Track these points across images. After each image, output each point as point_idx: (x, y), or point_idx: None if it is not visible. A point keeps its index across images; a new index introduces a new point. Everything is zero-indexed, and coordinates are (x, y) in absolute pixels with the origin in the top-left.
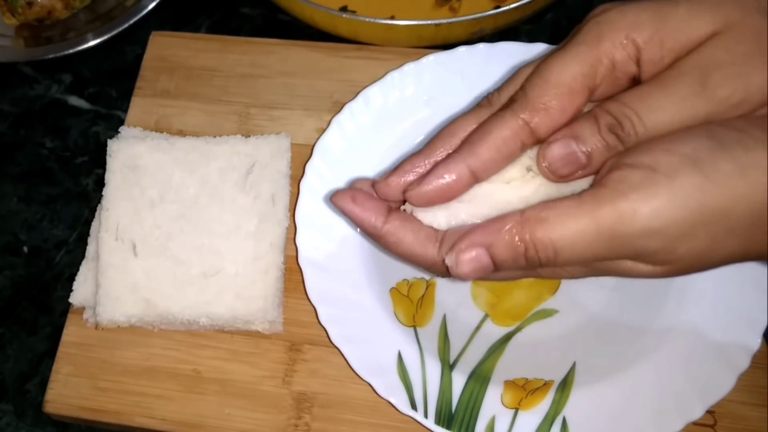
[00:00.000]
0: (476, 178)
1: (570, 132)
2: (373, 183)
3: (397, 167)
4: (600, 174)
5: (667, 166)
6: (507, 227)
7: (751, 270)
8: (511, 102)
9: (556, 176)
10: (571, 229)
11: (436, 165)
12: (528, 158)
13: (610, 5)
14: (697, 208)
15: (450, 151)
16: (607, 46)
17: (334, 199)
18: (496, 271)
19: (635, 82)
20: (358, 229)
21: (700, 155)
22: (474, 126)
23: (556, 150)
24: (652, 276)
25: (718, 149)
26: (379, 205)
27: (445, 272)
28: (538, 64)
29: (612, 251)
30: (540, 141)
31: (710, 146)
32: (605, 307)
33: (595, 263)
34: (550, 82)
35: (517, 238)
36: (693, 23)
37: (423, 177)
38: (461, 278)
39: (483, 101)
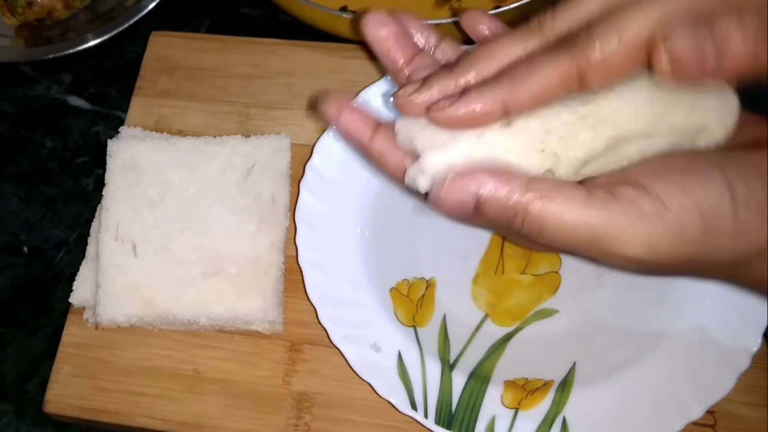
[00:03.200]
0: (507, 115)
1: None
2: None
3: (423, 83)
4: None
5: (679, 209)
6: (511, 183)
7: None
8: (571, 41)
9: (681, 74)
10: (567, 221)
11: (469, 90)
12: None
13: None
14: (689, 257)
15: (484, 76)
16: None
17: (324, 108)
18: (475, 216)
19: None
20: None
21: (710, 212)
22: (517, 54)
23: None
24: (632, 271)
25: (729, 207)
26: (365, 121)
27: (423, 195)
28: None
29: (590, 254)
30: (586, 91)
31: (721, 200)
32: (605, 307)
33: (572, 251)
34: (623, 35)
35: (514, 198)
36: None
37: (453, 100)
38: (440, 206)
39: (533, 23)
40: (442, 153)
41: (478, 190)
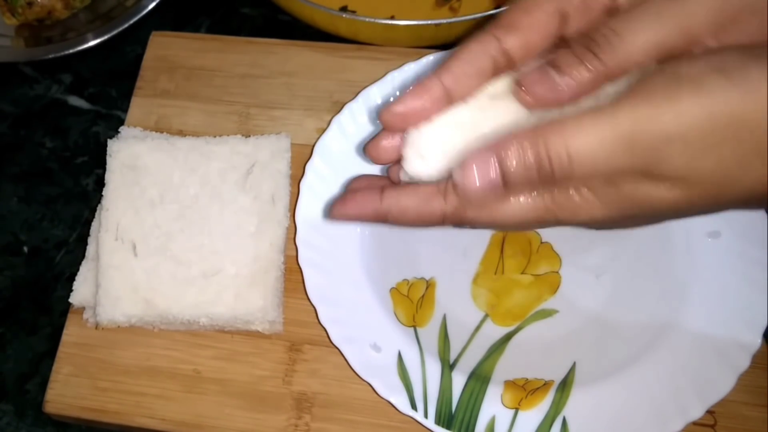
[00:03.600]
0: (450, 96)
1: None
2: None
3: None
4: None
5: (693, 72)
6: (518, 137)
7: (751, 270)
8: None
9: (534, 98)
10: (588, 135)
11: (414, 87)
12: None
13: None
14: (725, 115)
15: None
16: None
17: (331, 215)
18: (506, 187)
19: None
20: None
21: (729, 64)
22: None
23: (529, 68)
24: (673, 207)
25: (748, 59)
26: (369, 192)
27: (460, 219)
28: None
29: (632, 160)
30: (511, 60)
31: (740, 57)
32: (605, 307)
33: (615, 185)
34: (521, 3)
35: (529, 148)
36: None
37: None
38: (470, 194)
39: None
40: (431, 126)
41: (491, 158)
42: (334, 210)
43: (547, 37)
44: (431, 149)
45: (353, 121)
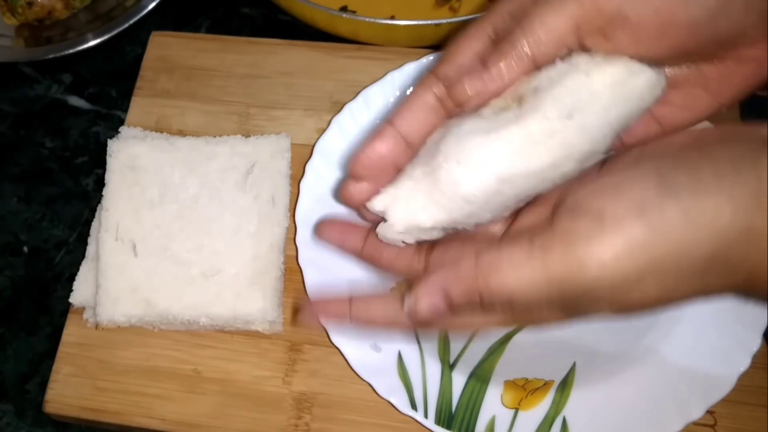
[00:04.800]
0: (407, 139)
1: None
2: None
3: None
4: (553, 211)
5: (613, 215)
6: (462, 275)
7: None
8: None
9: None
10: (523, 279)
11: (370, 136)
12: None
13: None
14: (646, 259)
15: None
16: (501, 1)
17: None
18: (453, 313)
19: None
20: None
21: (647, 202)
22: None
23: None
24: (614, 317)
25: (665, 196)
26: (338, 301)
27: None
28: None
29: (565, 300)
30: (452, 91)
31: (658, 192)
32: None
33: (557, 310)
34: (454, 40)
35: (473, 286)
36: None
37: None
38: (420, 319)
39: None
40: (397, 193)
41: (439, 291)
42: (306, 313)
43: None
44: (397, 218)
45: (353, 121)
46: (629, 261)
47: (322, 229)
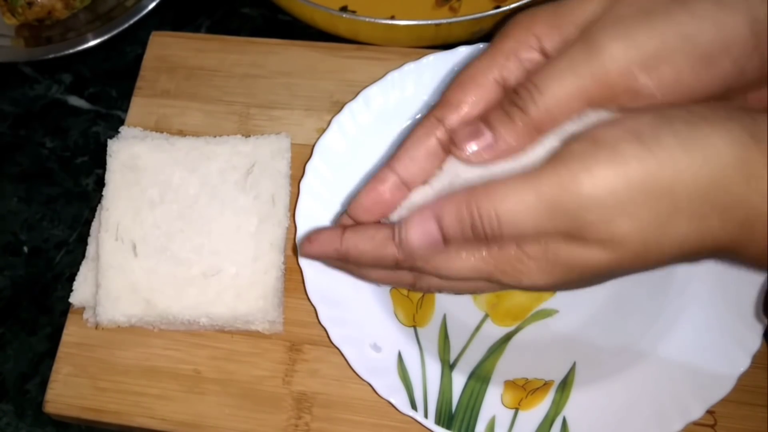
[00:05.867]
0: (406, 184)
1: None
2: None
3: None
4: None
5: (609, 138)
6: (455, 199)
7: (750, 269)
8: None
9: (469, 155)
10: (514, 199)
11: (371, 179)
12: None
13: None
14: (638, 179)
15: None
16: (511, 43)
17: (300, 253)
18: (445, 242)
19: None
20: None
21: (643, 129)
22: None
23: (461, 127)
24: (606, 268)
25: (661, 124)
26: (331, 233)
27: (411, 267)
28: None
29: (555, 224)
30: (453, 148)
31: (654, 121)
32: (605, 307)
33: (546, 247)
34: (459, 81)
35: (464, 208)
36: (584, 4)
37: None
38: (411, 250)
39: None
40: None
41: (430, 217)
42: (300, 249)
43: (489, 107)
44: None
45: (353, 121)
46: (621, 180)
47: (302, 247)
